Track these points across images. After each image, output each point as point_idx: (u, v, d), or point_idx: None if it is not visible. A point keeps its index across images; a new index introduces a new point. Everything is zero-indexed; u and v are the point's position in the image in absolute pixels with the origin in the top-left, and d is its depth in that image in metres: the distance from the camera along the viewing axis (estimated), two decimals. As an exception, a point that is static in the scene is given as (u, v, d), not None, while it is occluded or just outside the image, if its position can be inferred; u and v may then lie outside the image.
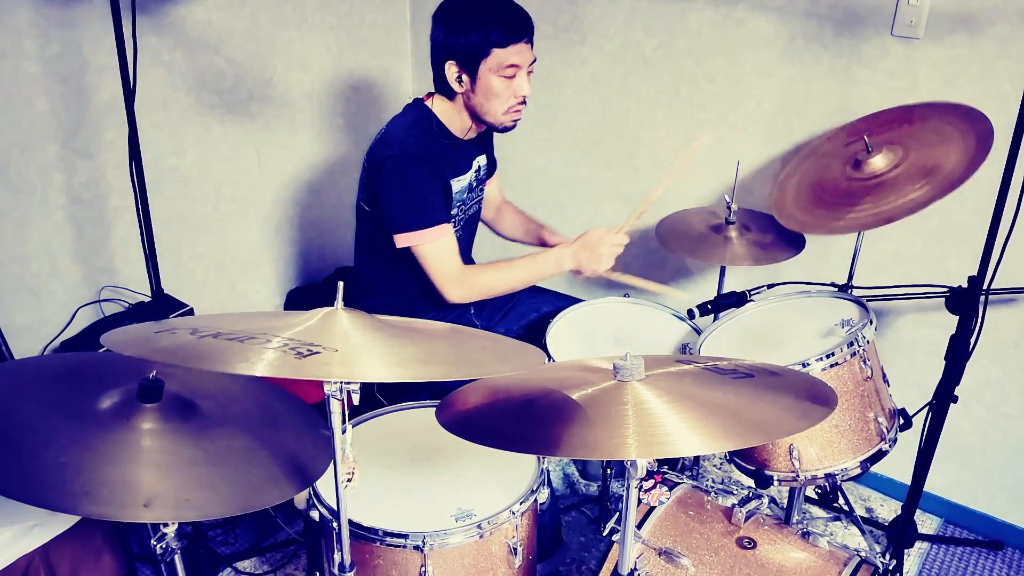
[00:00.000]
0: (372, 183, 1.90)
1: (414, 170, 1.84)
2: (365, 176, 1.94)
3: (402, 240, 1.87)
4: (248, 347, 1.07)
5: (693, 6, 2.27)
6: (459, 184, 1.98)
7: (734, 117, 2.32)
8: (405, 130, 1.90)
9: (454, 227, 2.02)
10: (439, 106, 1.94)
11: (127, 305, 2.25)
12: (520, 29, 1.80)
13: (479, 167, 2.09)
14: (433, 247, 1.87)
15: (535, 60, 1.88)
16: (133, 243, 2.12)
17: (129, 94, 1.72)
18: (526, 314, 2.16)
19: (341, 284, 1.25)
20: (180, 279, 2.41)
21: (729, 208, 2.09)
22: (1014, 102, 1.54)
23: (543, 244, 2.24)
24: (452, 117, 1.94)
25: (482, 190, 2.15)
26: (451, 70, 1.83)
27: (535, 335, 2.04)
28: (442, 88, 1.90)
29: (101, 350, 1.98)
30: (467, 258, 2.20)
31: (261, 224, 2.61)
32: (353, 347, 1.13)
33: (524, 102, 1.89)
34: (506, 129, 1.93)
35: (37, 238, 2.06)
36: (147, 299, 2.10)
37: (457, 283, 1.90)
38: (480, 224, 2.26)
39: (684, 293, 2.06)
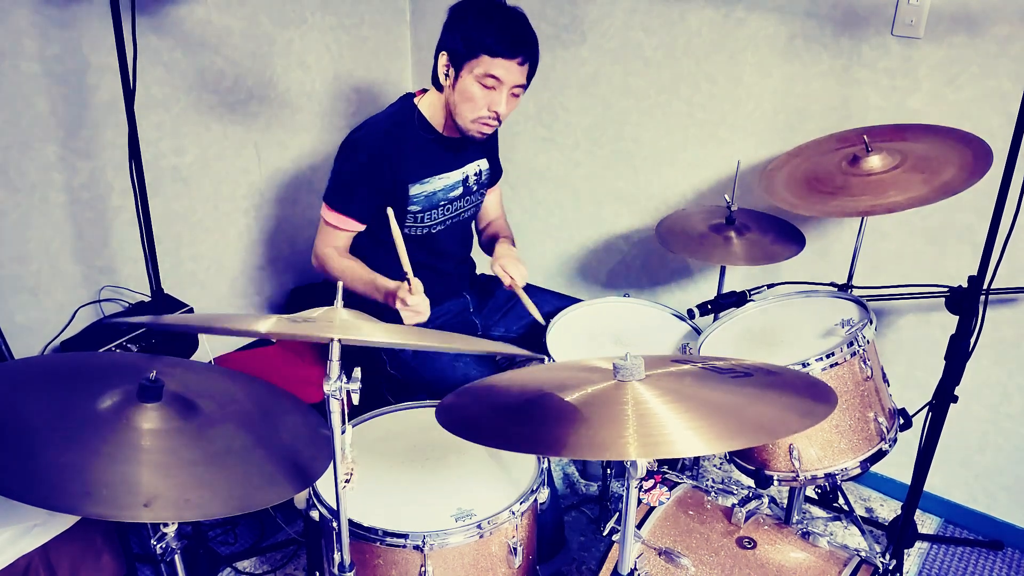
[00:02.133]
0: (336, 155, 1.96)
1: (361, 159, 1.88)
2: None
3: (322, 207, 1.95)
4: (249, 318, 1.13)
5: (693, 6, 2.27)
6: (440, 183, 1.98)
7: (734, 117, 2.32)
8: (380, 121, 1.94)
9: (427, 225, 2.02)
10: (428, 100, 1.95)
11: (127, 305, 2.25)
12: (516, 48, 1.79)
13: (479, 170, 2.08)
14: (329, 228, 1.95)
15: (525, 86, 1.87)
16: (133, 243, 2.12)
17: (129, 94, 1.72)
18: (526, 314, 2.16)
19: (341, 284, 1.25)
20: (180, 279, 2.41)
21: (729, 208, 2.09)
22: (1014, 102, 1.54)
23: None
24: (437, 111, 1.94)
25: (481, 195, 2.15)
26: (442, 60, 1.85)
27: (535, 335, 2.04)
28: (435, 79, 1.91)
29: (101, 350, 1.98)
30: (460, 258, 2.19)
31: (261, 224, 2.61)
32: (351, 325, 1.16)
33: (498, 119, 1.87)
34: (471, 138, 1.91)
35: (37, 238, 2.06)
36: (147, 299, 2.10)
37: (319, 260, 2.00)
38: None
39: (539, 316, 2.01)
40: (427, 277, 1.85)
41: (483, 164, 2.09)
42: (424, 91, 1.97)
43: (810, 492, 2.28)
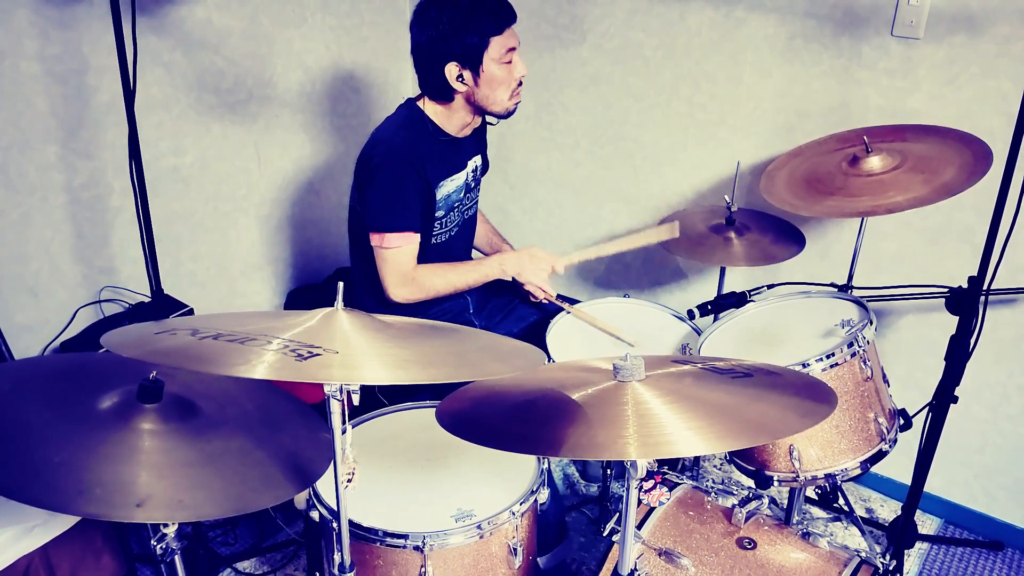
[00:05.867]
0: (359, 181, 1.92)
1: (397, 171, 1.86)
2: (355, 175, 1.95)
3: (373, 239, 1.89)
4: (248, 349, 1.07)
5: (693, 6, 2.27)
6: (452, 184, 1.98)
7: (734, 117, 2.32)
8: (395, 130, 1.92)
9: (449, 229, 2.02)
10: (431, 107, 1.94)
11: (127, 305, 2.25)
12: (508, 13, 1.84)
13: (475, 167, 2.09)
14: (394, 251, 1.89)
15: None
16: (133, 243, 2.12)
17: (129, 94, 1.72)
18: (527, 316, 2.16)
19: (341, 284, 1.25)
20: (180, 279, 2.41)
21: (729, 208, 2.09)
22: (1014, 102, 1.54)
23: None
24: (447, 118, 1.94)
25: (478, 190, 2.15)
26: (452, 71, 1.84)
27: (535, 336, 2.04)
28: (437, 91, 1.90)
29: (101, 350, 1.98)
30: (464, 258, 2.20)
31: (261, 224, 2.61)
32: (353, 349, 1.12)
33: (521, 83, 1.91)
34: (510, 114, 1.95)
35: (37, 238, 2.05)
36: (147, 299, 2.10)
37: (407, 284, 1.92)
38: None
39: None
40: None
41: (478, 160, 2.10)
42: (422, 96, 1.96)
43: (810, 492, 2.29)
